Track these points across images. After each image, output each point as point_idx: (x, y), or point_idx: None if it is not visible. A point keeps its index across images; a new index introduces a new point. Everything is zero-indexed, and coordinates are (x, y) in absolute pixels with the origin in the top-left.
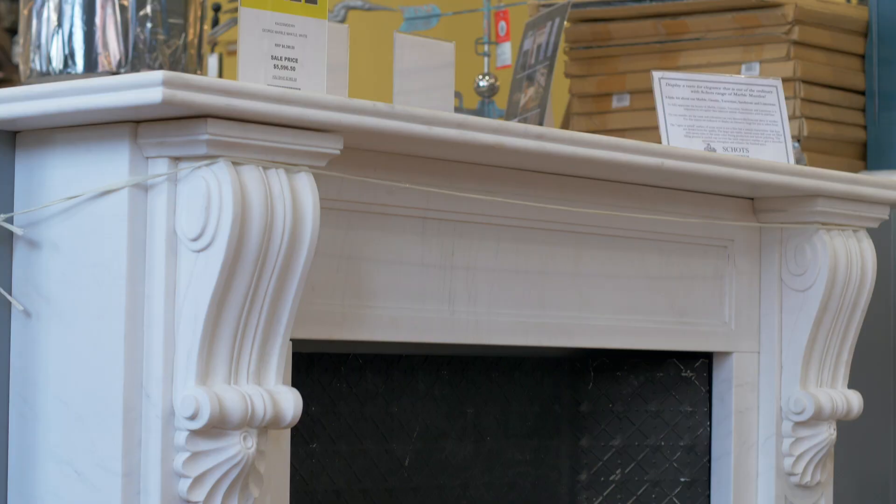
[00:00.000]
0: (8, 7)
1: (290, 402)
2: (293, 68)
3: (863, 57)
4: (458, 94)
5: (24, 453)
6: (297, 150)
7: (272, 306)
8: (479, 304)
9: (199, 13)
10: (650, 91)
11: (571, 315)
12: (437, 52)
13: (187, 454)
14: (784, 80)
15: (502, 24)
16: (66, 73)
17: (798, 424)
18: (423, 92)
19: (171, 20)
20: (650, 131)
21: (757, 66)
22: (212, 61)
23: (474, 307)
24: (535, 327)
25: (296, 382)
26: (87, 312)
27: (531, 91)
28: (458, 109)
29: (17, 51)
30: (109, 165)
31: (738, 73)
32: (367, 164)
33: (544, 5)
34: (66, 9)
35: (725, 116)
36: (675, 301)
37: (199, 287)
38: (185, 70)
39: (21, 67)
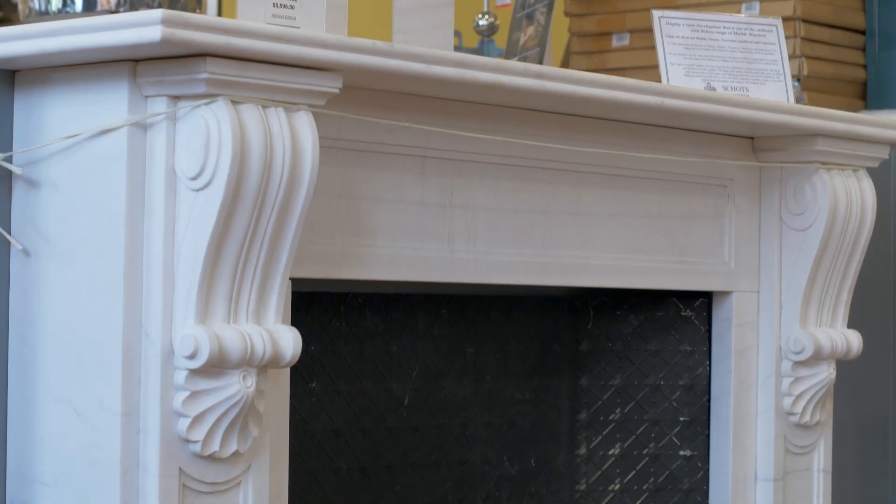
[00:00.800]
0: None
1: (290, 342)
2: (292, 7)
3: None
4: (457, 33)
5: (24, 393)
6: (297, 89)
7: (271, 245)
8: (478, 243)
9: None
10: (650, 30)
11: (571, 254)
12: None
13: (186, 393)
14: (784, 20)
15: None
16: (64, 12)
17: (797, 364)
18: (423, 31)
19: None
20: (650, 70)
21: (757, 6)
22: (211, 0)
23: (474, 246)
24: (534, 266)
25: (295, 322)
26: (86, 252)
27: (530, 30)
28: (457, 48)
29: None
30: (108, 104)
31: (738, 12)
32: (367, 103)
33: None
34: None
35: (725, 56)
36: (675, 240)
37: (199, 226)
38: (184, 9)
39: (20, 6)
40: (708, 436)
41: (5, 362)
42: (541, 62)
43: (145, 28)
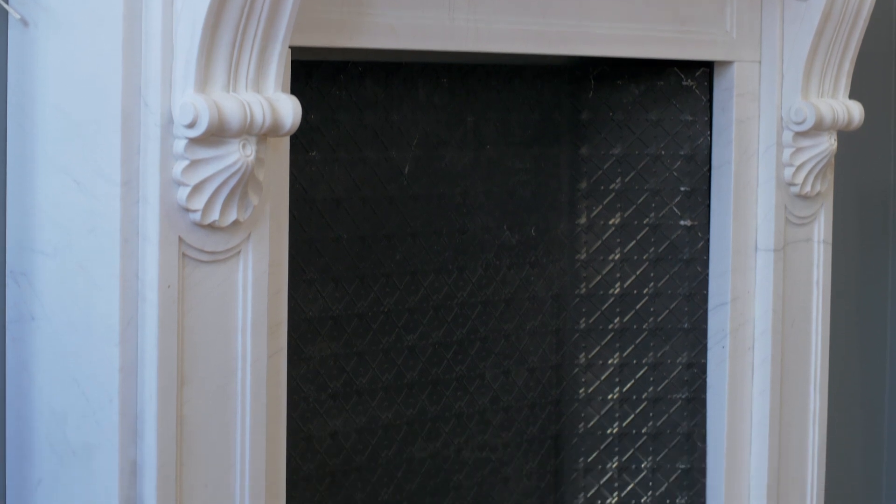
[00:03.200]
0: None
1: (289, 110)
2: None
3: None
4: None
5: (24, 164)
6: None
7: (271, 12)
8: (479, 11)
9: None
10: None
11: (572, 23)
12: None
13: (186, 162)
14: None
15: None
16: None
17: (799, 134)
18: None
19: None
20: None
21: None
22: None
23: (474, 14)
24: (535, 35)
25: (295, 90)
26: (85, 21)
27: None
28: None
29: None
30: None
31: None
32: None
33: None
34: None
35: None
36: (677, 9)
37: None
38: None
39: None
40: (708, 206)
41: (4, 134)
42: None
43: None
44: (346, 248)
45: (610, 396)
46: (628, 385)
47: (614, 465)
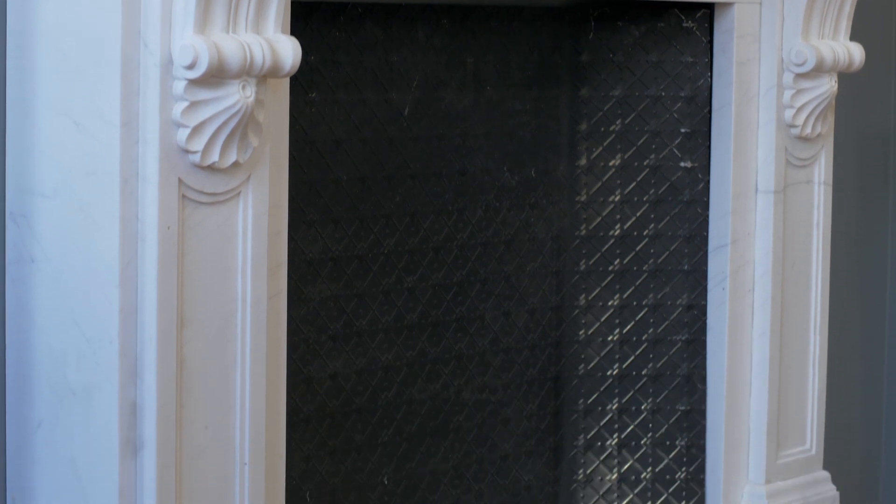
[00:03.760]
0: None
1: (289, 51)
2: None
3: None
4: None
5: (23, 106)
6: None
7: None
8: None
9: None
10: None
11: None
12: None
13: (186, 103)
14: None
15: None
16: None
17: (799, 76)
18: None
19: None
20: None
21: None
22: None
23: None
24: None
25: (294, 32)
26: None
27: None
28: None
29: None
30: None
31: None
32: None
33: None
34: None
35: None
36: None
37: None
38: None
39: None
40: (709, 147)
41: (3, 76)
42: None
43: None
44: (346, 190)
45: (610, 338)
46: (628, 327)
47: (614, 407)
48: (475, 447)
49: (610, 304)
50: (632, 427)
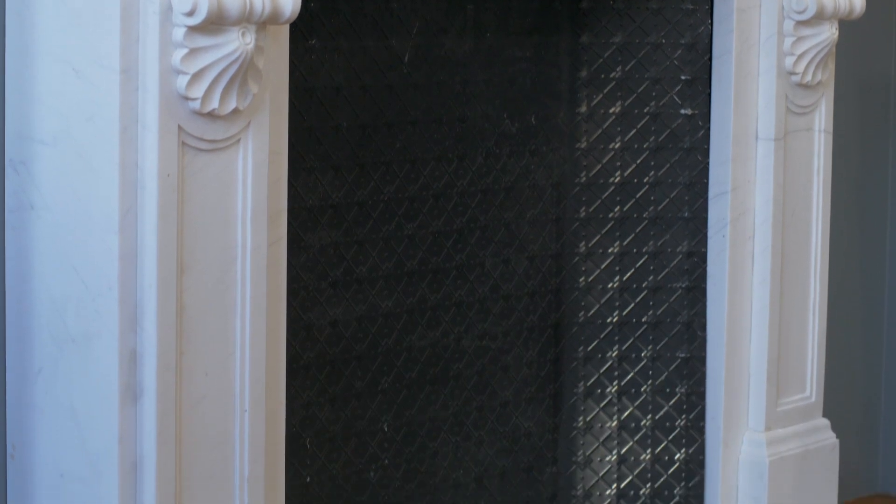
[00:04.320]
0: None
1: None
2: None
3: None
4: None
5: (23, 54)
6: None
7: None
8: None
9: None
10: None
11: None
12: None
13: (185, 50)
14: None
15: None
16: None
17: (800, 24)
18: None
19: None
20: None
21: None
22: None
23: None
24: None
25: None
26: None
27: None
28: None
29: None
30: None
31: None
32: None
33: None
34: None
35: None
36: None
37: None
38: None
39: None
40: (709, 95)
41: (2, 25)
42: None
43: None
44: (346, 137)
45: (610, 285)
46: (628, 274)
47: (614, 354)
48: (475, 394)
49: (610, 251)
50: (632, 374)
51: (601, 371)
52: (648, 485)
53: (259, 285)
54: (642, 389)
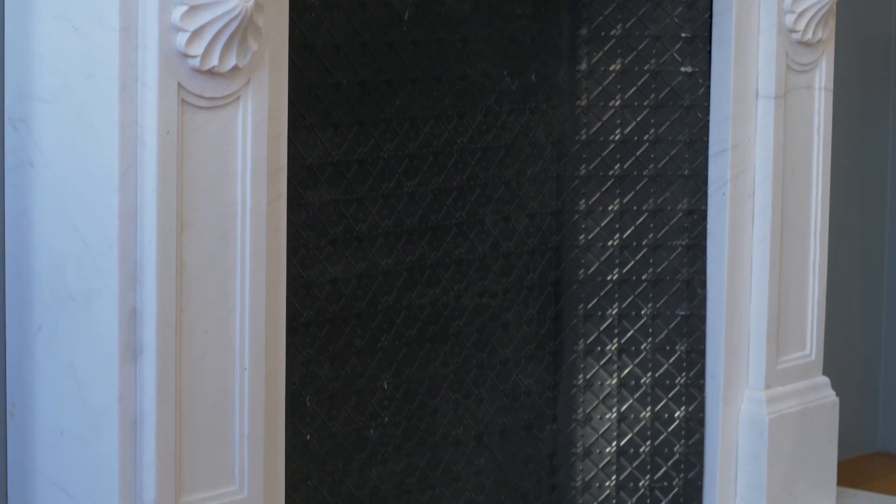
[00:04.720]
0: None
1: None
2: None
3: None
4: None
5: (22, 11)
6: None
7: None
8: None
9: None
10: None
11: None
12: None
13: (185, 7)
14: None
15: None
16: None
17: None
18: None
19: None
20: None
21: None
22: None
23: None
24: None
25: None
26: None
27: None
28: None
29: None
30: None
31: None
32: None
33: None
34: None
35: None
36: None
37: None
38: None
39: None
40: (709, 52)
41: None
42: None
43: None
44: (346, 94)
45: (610, 243)
46: (628, 231)
47: (614, 312)
48: (475, 352)
49: (610, 208)
50: (632, 332)
51: (601, 329)
52: (648, 442)
53: (259, 242)
54: (642, 347)
